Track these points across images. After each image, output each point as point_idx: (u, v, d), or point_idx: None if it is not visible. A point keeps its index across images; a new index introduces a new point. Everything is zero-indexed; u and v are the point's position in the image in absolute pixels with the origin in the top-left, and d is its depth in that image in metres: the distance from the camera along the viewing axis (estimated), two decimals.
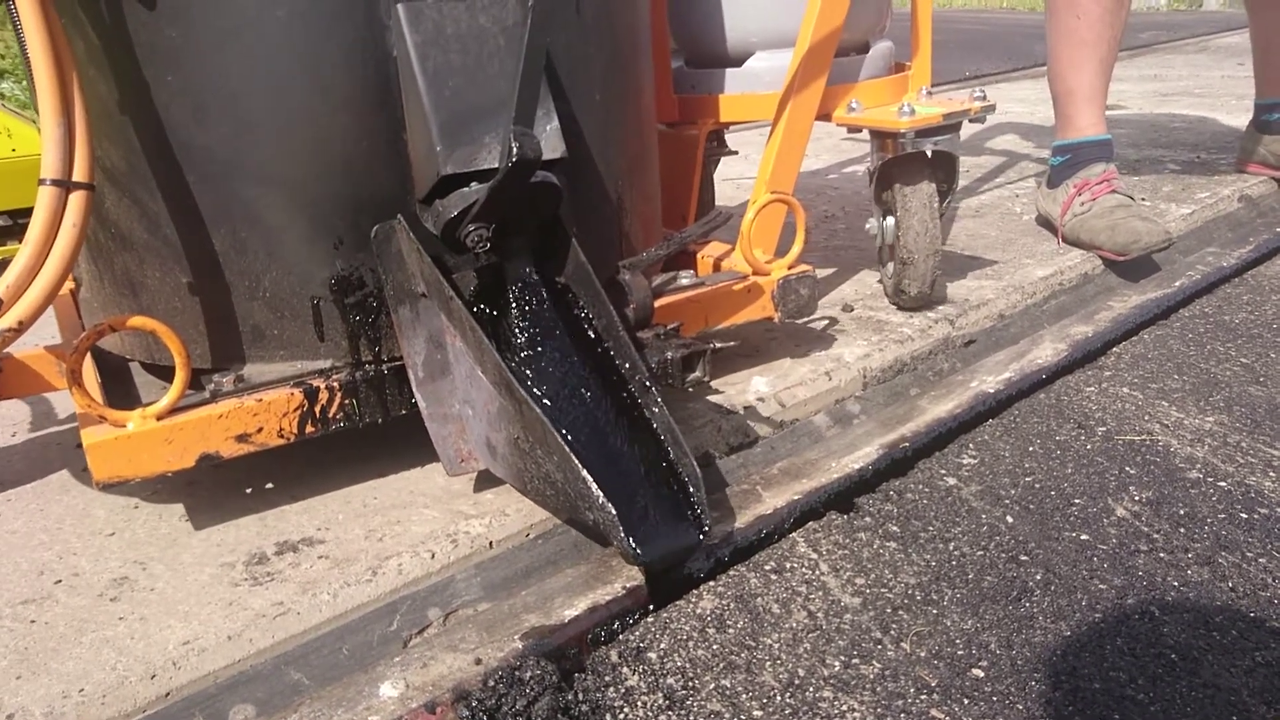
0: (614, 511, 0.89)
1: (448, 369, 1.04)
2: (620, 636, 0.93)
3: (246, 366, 1.08)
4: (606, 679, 0.87)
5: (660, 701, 0.84)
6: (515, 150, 0.91)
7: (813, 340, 1.48)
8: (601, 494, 0.89)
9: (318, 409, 1.04)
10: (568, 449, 0.90)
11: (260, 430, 1.02)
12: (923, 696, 0.84)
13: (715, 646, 0.91)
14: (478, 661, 0.87)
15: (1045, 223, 2.01)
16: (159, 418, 0.97)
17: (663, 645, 0.91)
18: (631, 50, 1.24)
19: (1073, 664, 0.87)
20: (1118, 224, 1.75)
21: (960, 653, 0.89)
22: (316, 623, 0.92)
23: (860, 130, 1.51)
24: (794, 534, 1.08)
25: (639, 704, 0.84)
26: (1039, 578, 1.00)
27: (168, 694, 0.84)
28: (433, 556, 0.99)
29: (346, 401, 1.06)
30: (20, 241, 1.12)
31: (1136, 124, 3.12)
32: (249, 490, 1.13)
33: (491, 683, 0.84)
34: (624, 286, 1.16)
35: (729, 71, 1.56)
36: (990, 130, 3.11)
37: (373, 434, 1.22)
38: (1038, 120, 3.20)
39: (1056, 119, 1.99)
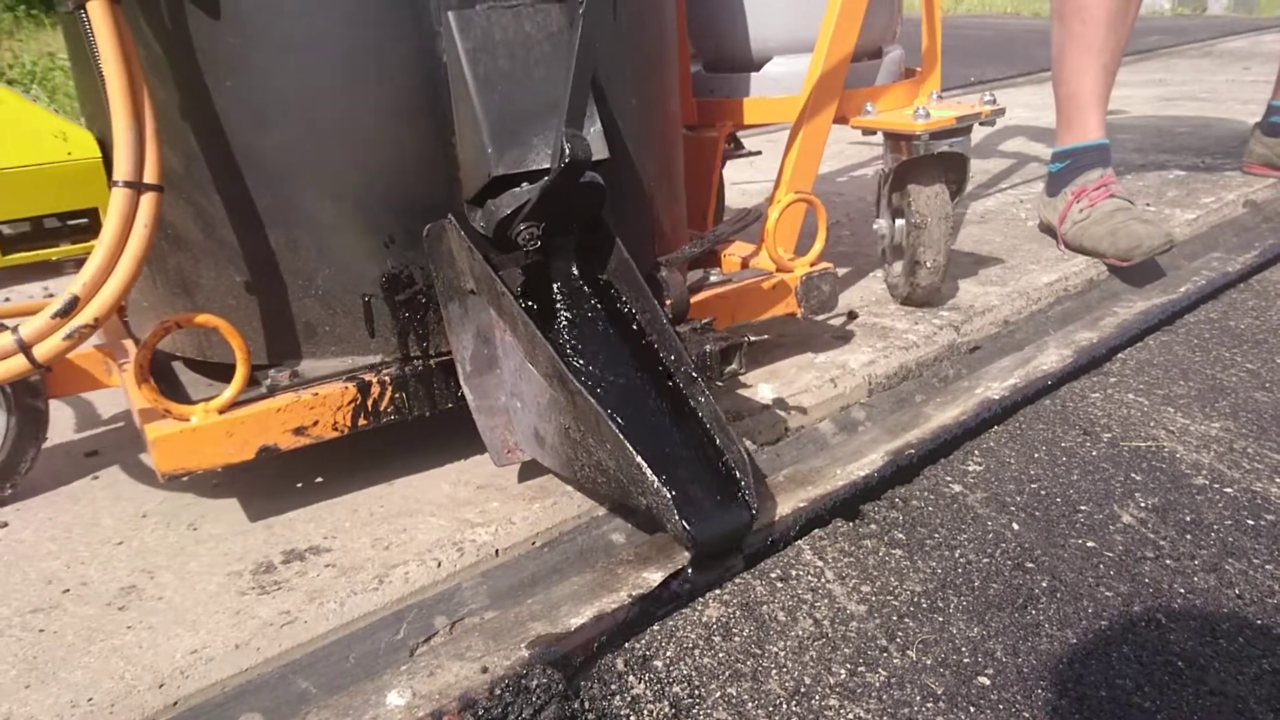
0: (669, 495, 0.92)
1: (495, 363, 1.07)
2: (626, 644, 0.93)
3: (302, 362, 1.11)
4: (613, 687, 0.88)
5: (666, 710, 0.84)
6: (567, 151, 0.95)
7: (818, 347, 1.49)
8: (656, 479, 0.92)
9: (370, 402, 1.07)
10: (621, 437, 0.92)
11: (316, 423, 1.05)
12: (929, 704, 0.84)
13: (721, 654, 0.91)
14: (484, 670, 0.87)
15: (1048, 230, 2.01)
16: (221, 411, 1.00)
17: (669, 653, 0.91)
18: (661, 56, 1.27)
19: (1079, 671, 0.87)
20: (1118, 229, 1.75)
21: (966, 660, 0.89)
22: (323, 631, 0.92)
23: (875, 133, 1.54)
24: (800, 541, 1.08)
25: (645, 712, 0.84)
26: (1045, 585, 0.99)
27: (175, 703, 0.84)
28: (439, 565, 0.99)
29: (397, 395, 1.09)
30: (71, 243, 1.17)
31: (1140, 129, 3.11)
32: (256, 499, 1.14)
33: (498, 691, 0.85)
34: (661, 282, 1.20)
35: (747, 76, 1.60)
36: (995, 136, 3.11)
37: (378, 441, 1.23)
38: (1042, 125, 3.20)
39: (1057, 124, 1.99)
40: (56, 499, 1.17)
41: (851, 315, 1.61)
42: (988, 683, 0.86)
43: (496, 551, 1.03)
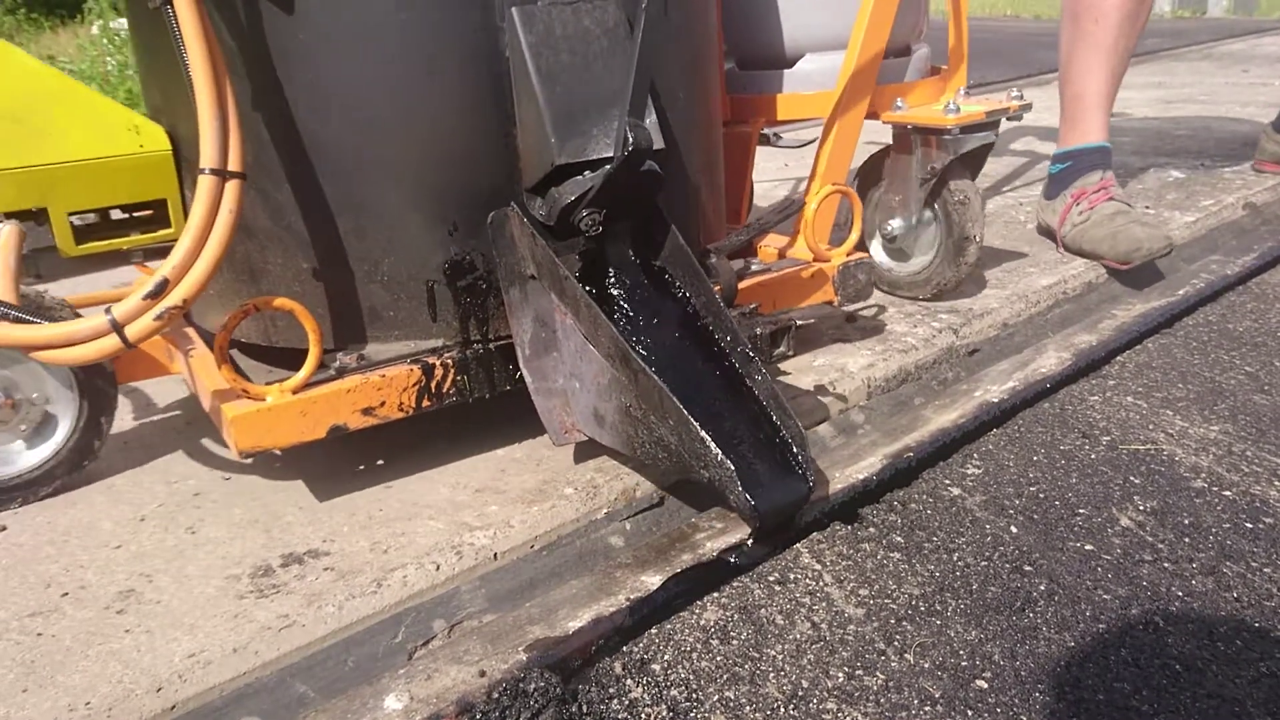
0: (732, 467, 0.94)
1: (553, 345, 1.10)
2: (624, 648, 0.93)
3: (367, 346, 1.13)
4: (610, 690, 0.88)
5: (664, 713, 0.84)
6: (631, 139, 1.00)
7: (817, 350, 1.49)
8: (720, 452, 0.95)
9: (433, 384, 1.10)
10: (685, 413, 0.95)
11: (383, 404, 1.08)
12: (926, 708, 0.84)
13: (719, 658, 0.91)
14: (482, 674, 0.88)
15: (1046, 233, 2.01)
16: (294, 392, 1.03)
17: (666, 657, 0.91)
18: (706, 53, 1.31)
19: (1077, 675, 0.87)
20: (1118, 232, 1.75)
21: (964, 664, 0.89)
22: (321, 635, 0.92)
23: (906, 127, 1.57)
24: (798, 544, 1.08)
25: (643, 716, 0.84)
26: (1043, 588, 0.99)
27: (173, 707, 0.85)
28: (437, 568, 0.99)
29: (459, 378, 1.12)
30: (139, 233, 1.22)
31: (1140, 131, 3.12)
32: (255, 501, 1.14)
33: (496, 695, 0.85)
34: (710, 269, 1.24)
35: (780, 73, 1.64)
36: None
37: (376, 444, 1.23)
38: (1043, 126, 3.20)
39: (1061, 124, 1.98)
40: (55, 502, 1.17)
41: (850, 318, 1.61)
42: (985, 686, 0.86)
43: (495, 555, 1.03)
